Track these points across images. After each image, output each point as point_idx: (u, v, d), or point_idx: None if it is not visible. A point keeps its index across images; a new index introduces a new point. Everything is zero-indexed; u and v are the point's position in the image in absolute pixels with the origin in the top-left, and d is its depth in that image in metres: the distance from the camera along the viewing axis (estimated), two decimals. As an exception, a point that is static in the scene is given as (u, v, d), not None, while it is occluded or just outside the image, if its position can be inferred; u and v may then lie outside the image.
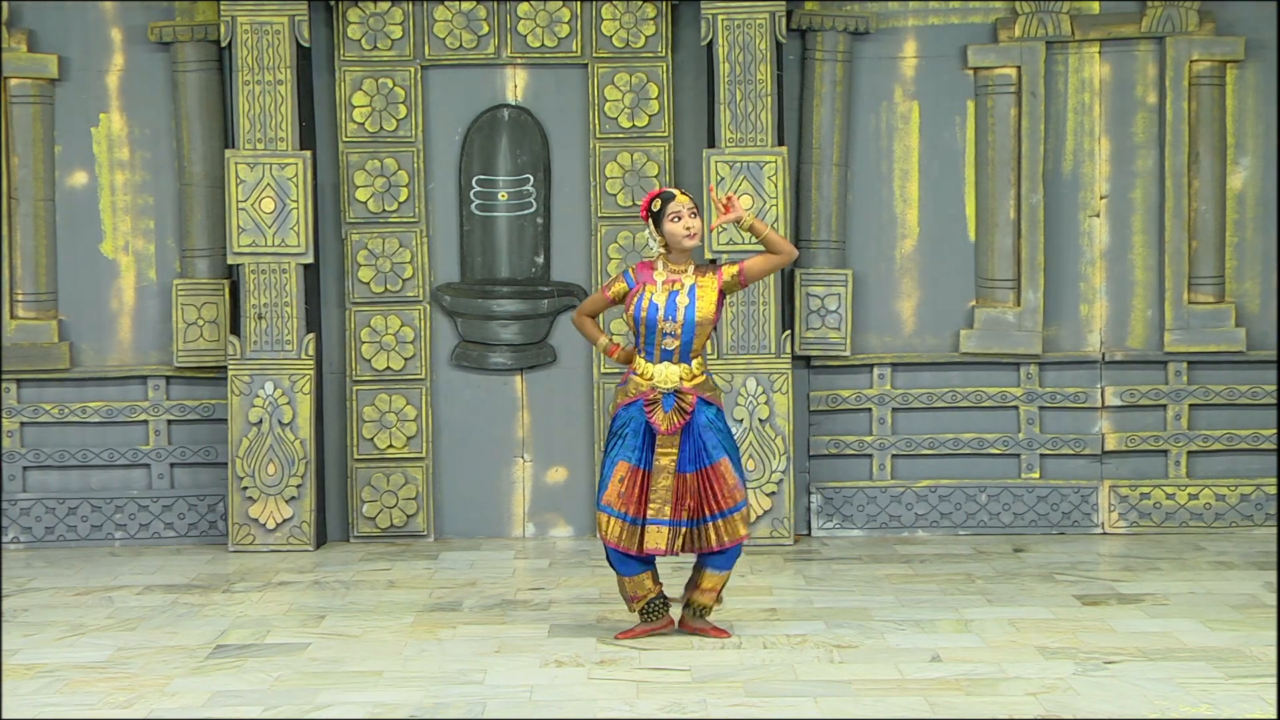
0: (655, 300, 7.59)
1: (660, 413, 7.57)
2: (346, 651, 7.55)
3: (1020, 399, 10.37)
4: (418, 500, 10.36)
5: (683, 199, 7.64)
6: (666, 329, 7.58)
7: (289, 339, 10.10)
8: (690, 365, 7.62)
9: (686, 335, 7.59)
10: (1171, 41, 10.19)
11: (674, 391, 7.58)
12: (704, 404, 7.62)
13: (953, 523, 10.38)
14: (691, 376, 7.62)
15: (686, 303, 7.59)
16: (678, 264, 7.67)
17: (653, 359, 7.62)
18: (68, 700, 6.80)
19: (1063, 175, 10.35)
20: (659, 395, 7.59)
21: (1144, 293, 10.37)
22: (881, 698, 6.65)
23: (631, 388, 7.65)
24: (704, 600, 7.74)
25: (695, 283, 7.63)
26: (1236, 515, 10.30)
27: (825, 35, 10.25)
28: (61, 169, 10.36)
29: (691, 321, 7.58)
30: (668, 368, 7.61)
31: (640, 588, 7.71)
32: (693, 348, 7.60)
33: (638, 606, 7.75)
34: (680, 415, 7.57)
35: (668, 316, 7.57)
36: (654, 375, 7.61)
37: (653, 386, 7.60)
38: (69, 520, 10.36)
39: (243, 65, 10.05)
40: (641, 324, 7.61)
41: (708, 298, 7.61)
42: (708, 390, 7.65)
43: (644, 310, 7.59)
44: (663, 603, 7.77)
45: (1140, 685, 6.77)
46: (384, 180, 10.30)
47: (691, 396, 7.59)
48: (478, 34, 10.30)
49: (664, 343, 7.60)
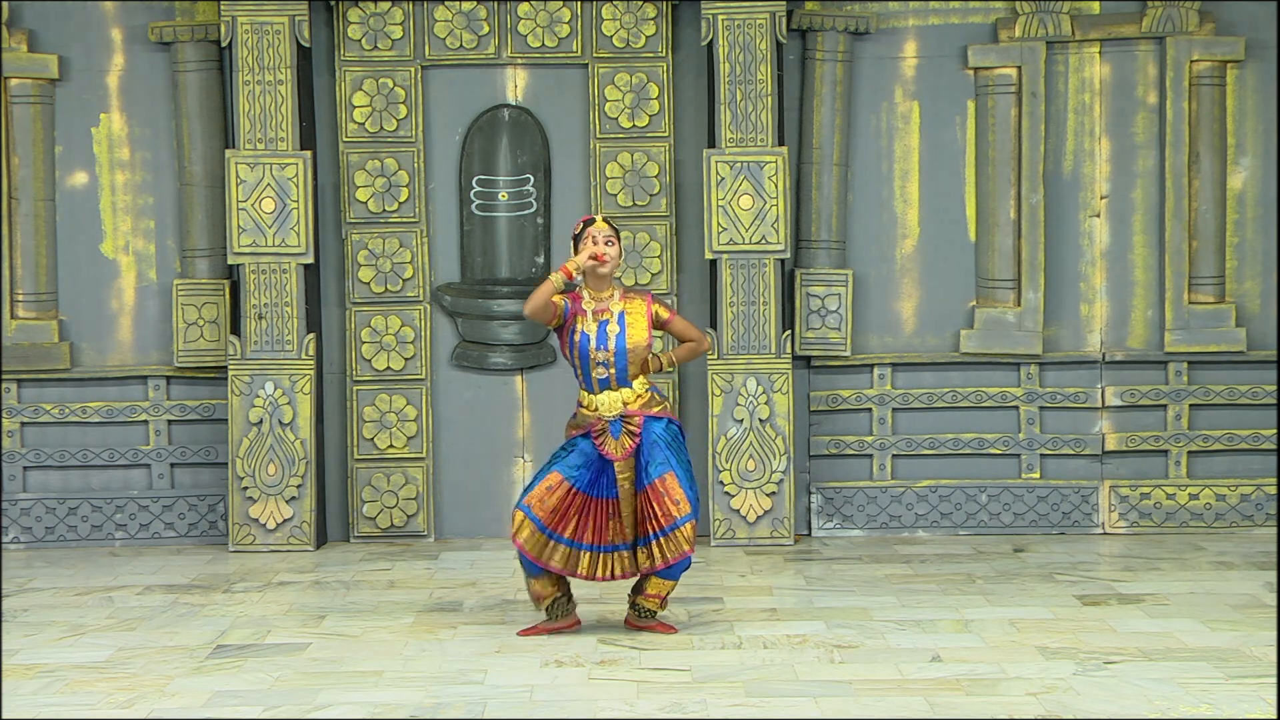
0: (586, 331, 7.65)
1: (610, 440, 7.65)
2: (347, 651, 7.56)
3: (1020, 399, 10.37)
4: (418, 500, 10.36)
5: (600, 225, 7.68)
6: (598, 358, 7.64)
7: (289, 339, 10.10)
8: (631, 388, 7.68)
9: (619, 363, 7.65)
10: (1172, 41, 10.19)
11: (619, 417, 7.65)
12: (652, 420, 7.68)
13: (953, 523, 10.38)
14: (635, 398, 7.69)
15: (616, 331, 7.66)
16: (599, 290, 7.73)
17: (592, 389, 7.68)
18: (68, 700, 6.80)
19: (1063, 175, 10.35)
20: (606, 424, 7.65)
21: (1144, 293, 10.37)
22: (882, 698, 6.65)
23: (580, 419, 7.74)
24: (648, 605, 7.83)
25: (624, 309, 7.69)
26: (1237, 515, 10.30)
27: (825, 35, 10.25)
28: (62, 169, 10.36)
29: (622, 349, 7.64)
30: (609, 395, 7.68)
31: (546, 587, 7.79)
32: (628, 373, 7.66)
33: (543, 605, 7.83)
34: (630, 439, 7.65)
35: (599, 346, 7.63)
36: (598, 405, 7.67)
37: (599, 416, 7.65)
38: (69, 520, 10.36)
39: (243, 65, 10.05)
40: (575, 356, 7.68)
41: (638, 324, 7.68)
42: (654, 406, 7.71)
43: (576, 341, 7.66)
44: (569, 601, 7.84)
45: (1141, 685, 6.77)
46: (384, 180, 10.31)
47: (638, 418, 7.65)
48: (478, 34, 10.30)
49: (597, 372, 7.66)
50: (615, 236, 7.71)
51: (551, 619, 7.85)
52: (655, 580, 7.75)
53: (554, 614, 7.84)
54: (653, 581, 7.75)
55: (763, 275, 10.06)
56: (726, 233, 10.04)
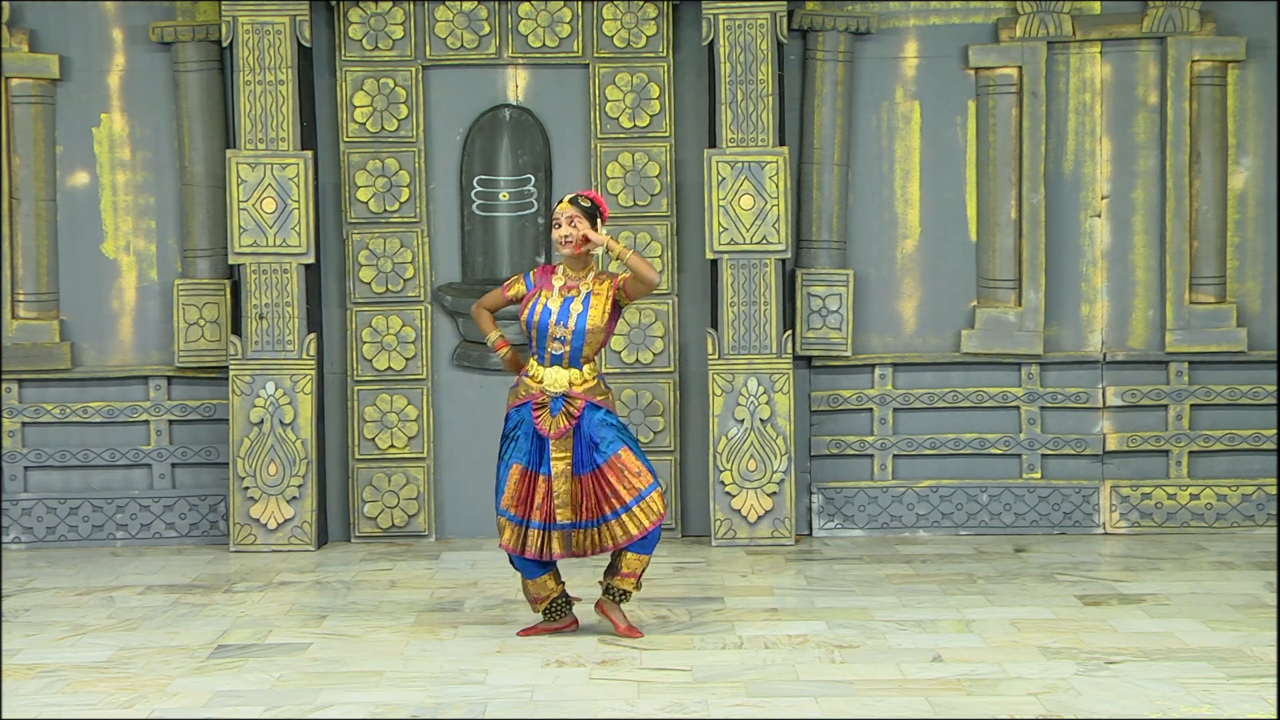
0: (550, 305, 7.65)
1: (547, 416, 7.63)
2: (348, 651, 7.56)
3: (1021, 399, 10.37)
4: (419, 500, 10.36)
5: (562, 206, 7.67)
6: (556, 333, 7.63)
7: (290, 339, 10.10)
8: (581, 370, 7.67)
9: (576, 342, 7.64)
10: (1173, 41, 10.19)
11: (563, 395, 7.63)
12: (592, 407, 7.66)
13: (954, 523, 10.38)
14: (582, 381, 7.67)
15: (579, 310, 7.64)
16: (575, 270, 7.71)
17: (543, 362, 7.67)
18: (69, 700, 6.81)
19: (1064, 175, 10.35)
20: (548, 399, 7.64)
21: (1145, 293, 10.37)
22: (883, 698, 6.65)
23: (522, 389, 7.73)
24: (623, 585, 7.74)
25: (591, 290, 7.68)
26: (1238, 515, 10.30)
27: (826, 35, 10.25)
28: (63, 169, 10.36)
29: (582, 329, 7.63)
30: (557, 372, 7.66)
31: (543, 589, 7.78)
32: (583, 354, 7.66)
33: (541, 607, 7.82)
34: (567, 419, 7.63)
35: (559, 322, 7.62)
36: (544, 379, 7.66)
37: (542, 389, 7.64)
38: (70, 520, 10.36)
39: (244, 65, 10.05)
40: (533, 328, 7.67)
41: (600, 306, 7.65)
42: (598, 394, 7.69)
43: (536, 315, 7.65)
44: (566, 602, 7.84)
45: (1142, 685, 6.77)
46: (385, 180, 10.31)
47: (580, 401, 7.64)
48: (479, 34, 10.30)
49: (552, 347, 7.65)
50: (584, 214, 7.63)
51: (550, 620, 7.84)
52: (629, 557, 7.67)
53: (552, 615, 7.84)
54: (626, 559, 7.67)
55: (763, 275, 10.06)
56: (727, 233, 10.04)
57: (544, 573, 7.76)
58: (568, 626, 7.84)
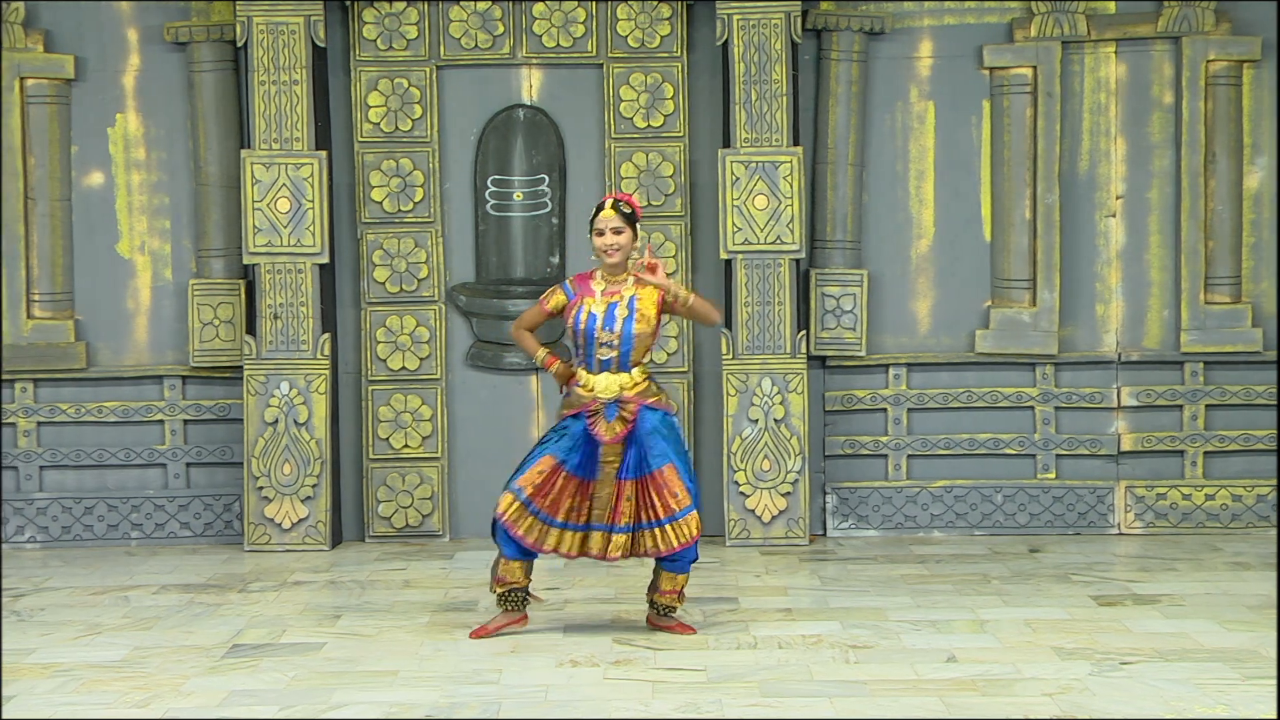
0: (594, 312, 7.63)
1: (603, 423, 7.63)
2: (362, 651, 7.56)
3: (1036, 399, 10.36)
4: (433, 500, 10.36)
5: (607, 214, 7.66)
6: (604, 339, 7.62)
7: (304, 339, 10.11)
8: (631, 373, 7.66)
9: (625, 347, 7.63)
10: (1188, 41, 10.18)
11: (615, 401, 7.62)
12: (648, 410, 7.65)
13: (968, 523, 10.37)
14: (633, 384, 7.66)
15: (625, 314, 7.63)
16: (614, 275, 7.70)
17: (592, 369, 7.66)
18: (84, 700, 6.82)
19: (1079, 175, 10.34)
20: (601, 406, 7.63)
21: (1160, 293, 10.35)
22: (897, 698, 6.65)
23: (575, 399, 7.70)
24: (665, 601, 7.81)
25: (635, 294, 7.66)
26: (1253, 516, 10.28)
27: (841, 35, 10.24)
28: (78, 169, 10.38)
29: (630, 334, 7.62)
30: (608, 378, 7.65)
31: (511, 573, 7.75)
32: (632, 358, 7.65)
33: (500, 589, 7.76)
34: (622, 424, 7.62)
35: (606, 328, 7.61)
36: (595, 386, 7.65)
37: (594, 397, 7.63)
38: (85, 520, 10.38)
39: (258, 65, 10.06)
40: (580, 335, 7.65)
41: (648, 311, 7.64)
42: (650, 396, 7.68)
43: (582, 322, 7.63)
44: (524, 597, 7.80)
45: (1156, 686, 6.76)
46: (399, 180, 10.31)
47: (634, 405, 7.63)
48: (493, 34, 10.31)
49: (601, 353, 7.64)
50: (626, 222, 7.65)
51: (506, 610, 7.77)
52: (666, 575, 7.74)
53: (507, 604, 7.77)
54: (664, 577, 7.75)
55: (778, 275, 10.06)
56: (741, 232, 10.03)
57: (523, 559, 7.71)
58: (519, 621, 7.79)
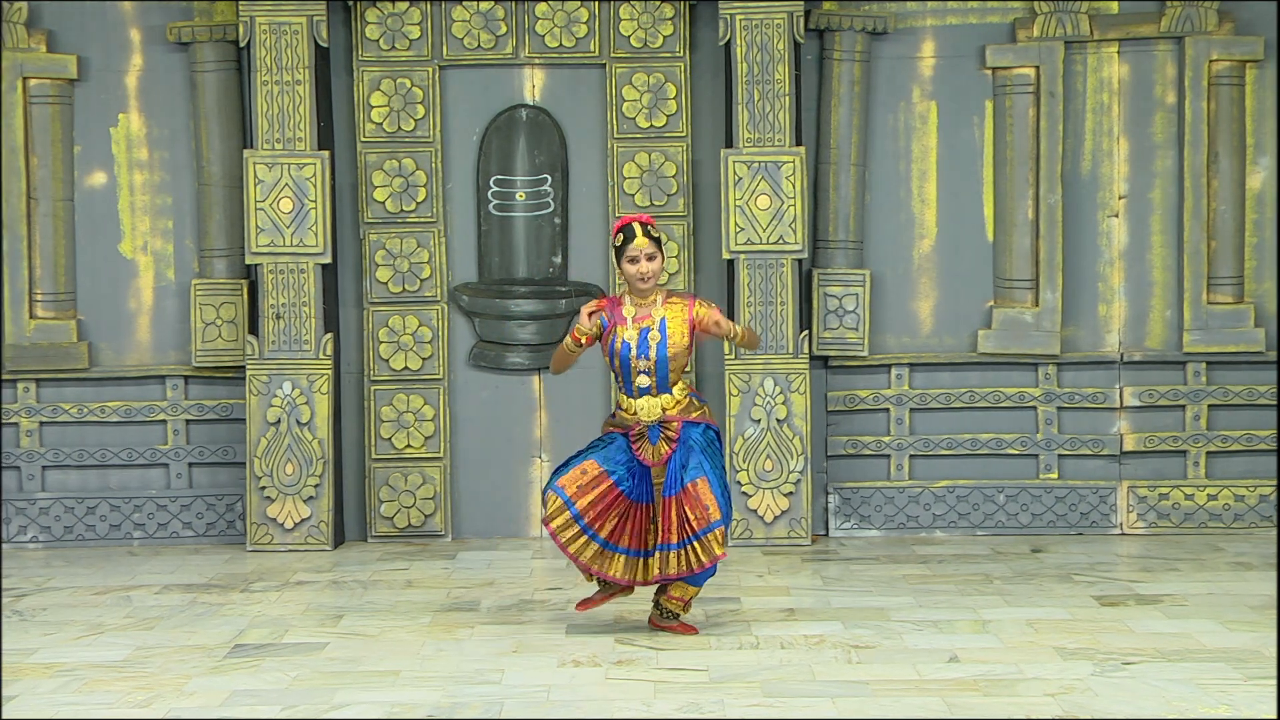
0: (628, 340, 7.65)
1: (648, 446, 7.65)
2: (364, 651, 7.56)
3: (1038, 399, 10.35)
4: (435, 500, 10.36)
5: (641, 242, 7.63)
6: (640, 367, 7.64)
7: (307, 339, 10.12)
8: (672, 394, 7.68)
9: (661, 371, 7.65)
10: (1190, 41, 10.17)
11: (658, 423, 7.64)
12: (690, 426, 7.68)
13: (970, 523, 10.37)
14: (674, 404, 7.69)
15: (658, 339, 7.65)
16: (643, 298, 7.71)
17: (632, 394, 7.68)
18: (86, 699, 6.82)
19: (1081, 175, 10.34)
20: (644, 429, 7.65)
21: (1162, 293, 10.35)
22: (899, 698, 6.65)
23: (619, 421, 7.74)
24: (672, 606, 7.82)
25: (665, 316, 7.67)
26: (1255, 516, 10.28)
27: (843, 35, 10.24)
28: (80, 169, 10.39)
29: (664, 357, 7.64)
30: (649, 401, 7.67)
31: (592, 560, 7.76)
32: (669, 380, 7.66)
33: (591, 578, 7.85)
34: (667, 444, 7.65)
35: (640, 355, 7.63)
36: (638, 410, 7.67)
37: (637, 420, 7.66)
38: (88, 520, 10.38)
39: (261, 65, 10.06)
40: (616, 360, 7.68)
41: (678, 330, 7.66)
42: (693, 411, 7.70)
43: (617, 351, 7.66)
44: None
45: (1159, 686, 6.76)
46: (402, 180, 10.32)
47: (676, 424, 7.65)
48: (495, 34, 10.31)
49: (639, 381, 7.66)
50: (657, 247, 7.67)
51: (604, 588, 7.85)
52: (680, 584, 7.75)
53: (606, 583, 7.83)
54: (678, 585, 7.76)
55: (780, 275, 10.06)
56: (744, 233, 10.03)
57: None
58: (625, 590, 7.85)
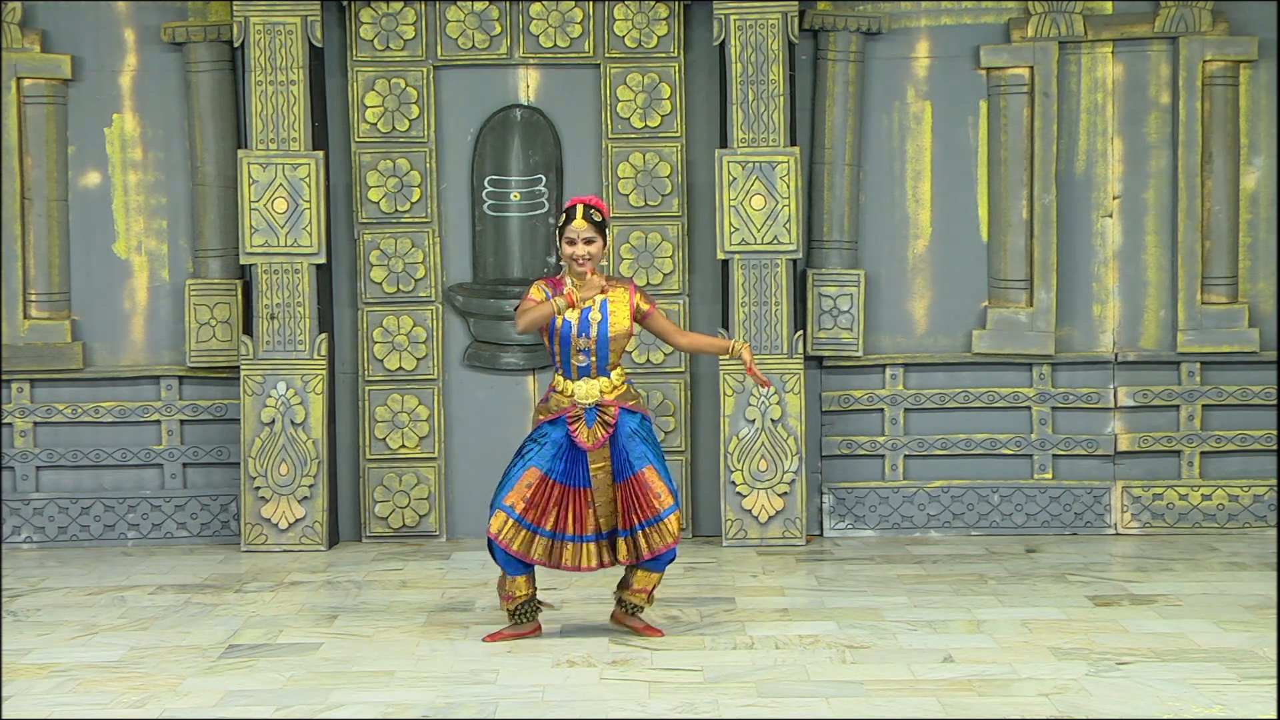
0: (568, 319, 7.60)
1: (584, 429, 7.61)
2: (359, 651, 7.56)
3: (1033, 399, 10.36)
4: (430, 500, 10.36)
5: (579, 224, 7.57)
6: (580, 345, 7.60)
7: (301, 339, 10.11)
8: (609, 377, 7.65)
9: (601, 351, 7.62)
10: (1185, 41, 10.18)
11: (595, 406, 7.61)
12: (627, 414, 7.66)
13: (965, 523, 10.37)
14: (612, 388, 7.65)
15: (599, 318, 7.62)
16: (581, 280, 7.63)
17: (570, 376, 7.64)
18: (80, 700, 6.81)
19: (1075, 175, 10.34)
20: (580, 411, 7.62)
21: (1157, 293, 10.36)
22: (894, 698, 6.65)
23: (553, 404, 7.68)
24: (635, 600, 7.78)
25: (607, 298, 7.63)
26: (1249, 516, 10.29)
27: (838, 35, 10.24)
28: (75, 169, 10.38)
29: (605, 337, 7.61)
30: (587, 383, 7.63)
31: (517, 589, 7.69)
32: (608, 361, 7.64)
33: (510, 607, 7.73)
34: (604, 429, 7.61)
35: (581, 334, 7.59)
36: (574, 392, 7.64)
37: (574, 403, 7.62)
38: (82, 520, 10.38)
39: (255, 65, 10.06)
40: (555, 341, 7.63)
41: (620, 313, 7.64)
42: (629, 400, 7.68)
43: (556, 329, 7.60)
44: (534, 607, 7.76)
45: (1153, 686, 6.76)
46: (396, 180, 10.31)
47: (614, 409, 7.63)
48: (490, 34, 10.31)
49: (577, 360, 7.62)
50: (598, 231, 7.58)
51: (515, 624, 7.75)
52: (641, 574, 7.70)
53: (518, 619, 7.74)
54: (639, 575, 7.71)
55: (775, 275, 10.06)
56: (738, 233, 10.04)
57: (524, 573, 7.68)
58: (531, 632, 7.75)
